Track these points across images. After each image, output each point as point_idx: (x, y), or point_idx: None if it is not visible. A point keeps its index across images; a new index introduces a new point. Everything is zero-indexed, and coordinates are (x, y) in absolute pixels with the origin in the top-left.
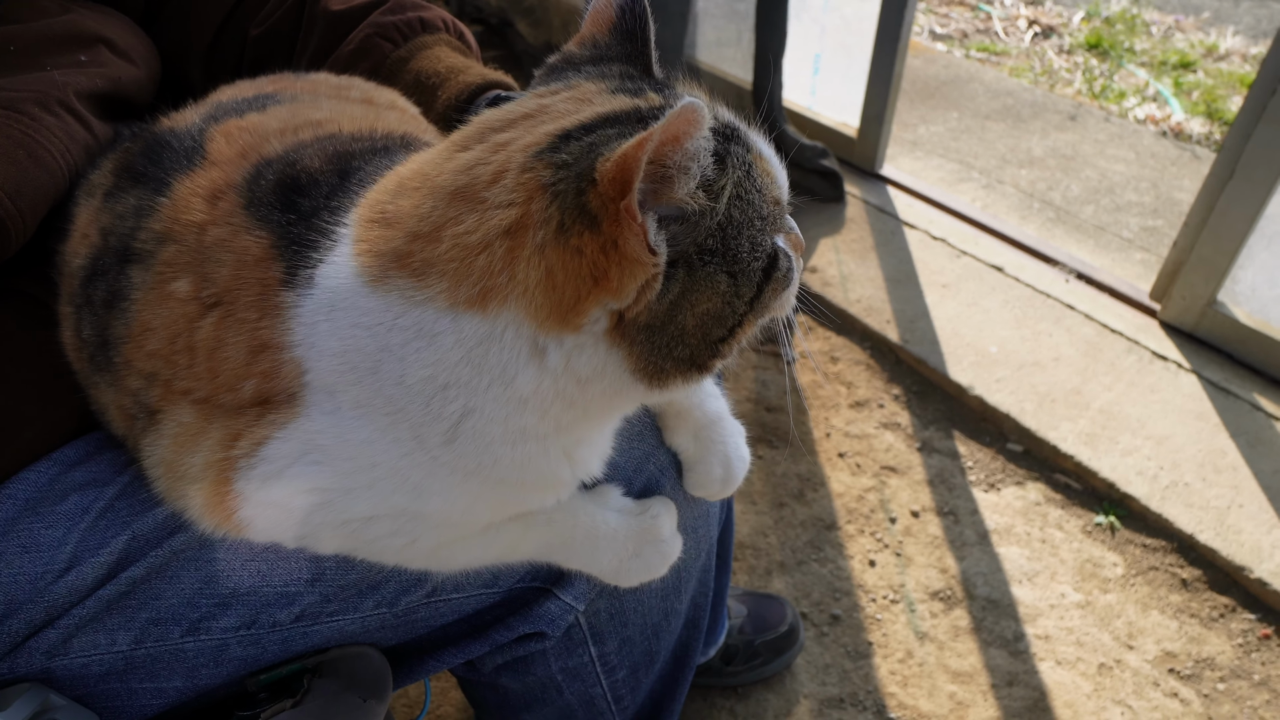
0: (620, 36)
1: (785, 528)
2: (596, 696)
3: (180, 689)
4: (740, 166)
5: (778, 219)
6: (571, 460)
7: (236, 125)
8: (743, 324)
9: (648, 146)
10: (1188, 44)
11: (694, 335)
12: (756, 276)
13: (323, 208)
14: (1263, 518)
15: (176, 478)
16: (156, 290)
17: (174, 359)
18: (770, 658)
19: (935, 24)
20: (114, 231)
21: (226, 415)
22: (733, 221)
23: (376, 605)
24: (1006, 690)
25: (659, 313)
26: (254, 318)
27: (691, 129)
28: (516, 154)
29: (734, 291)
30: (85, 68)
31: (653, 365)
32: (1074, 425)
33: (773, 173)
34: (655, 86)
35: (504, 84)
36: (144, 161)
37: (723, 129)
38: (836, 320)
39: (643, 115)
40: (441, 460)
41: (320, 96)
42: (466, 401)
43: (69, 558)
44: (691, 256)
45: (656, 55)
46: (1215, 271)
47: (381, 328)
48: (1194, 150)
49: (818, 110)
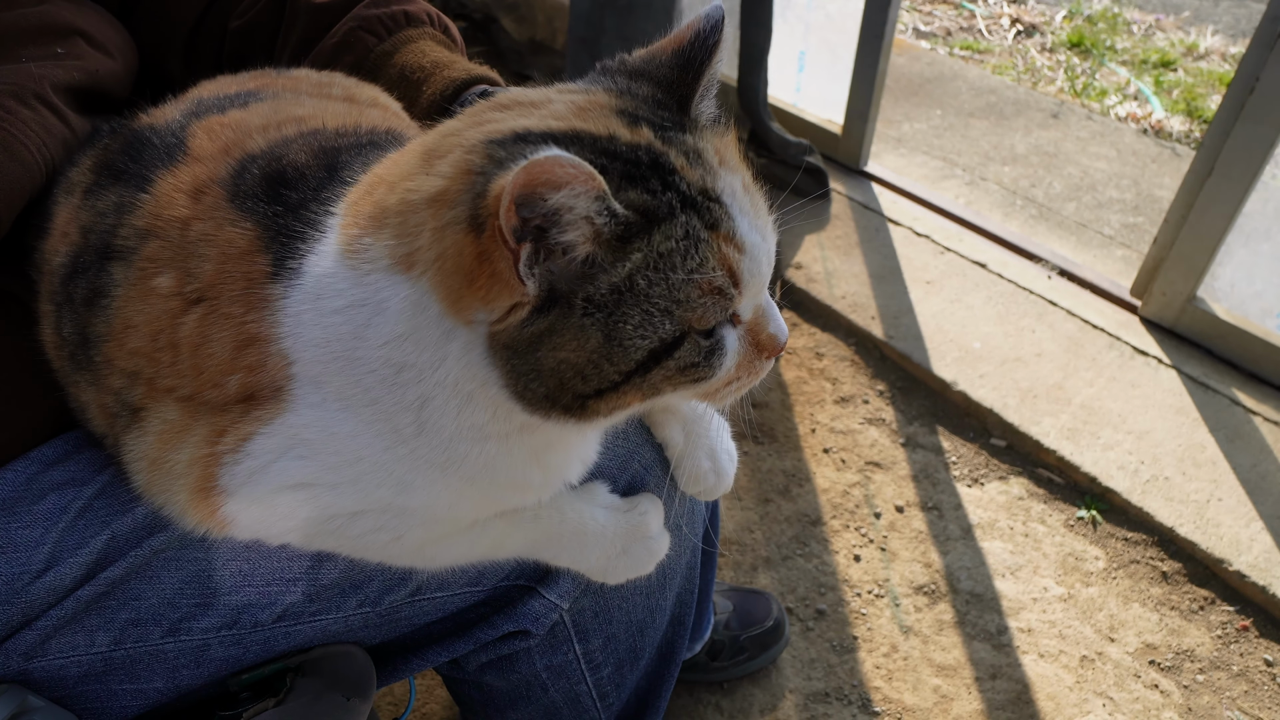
0: (678, 61)
1: (770, 523)
2: (582, 694)
3: (161, 690)
4: (670, 240)
5: (704, 309)
6: (541, 464)
7: (219, 121)
8: (618, 391)
9: (514, 185)
10: (1168, 43)
11: (550, 378)
12: (638, 353)
13: (311, 199)
14: (1241, 511)
15: (160, 474)
16: (138, 287)
17: (156, 356)
18: (756, 653)
19: (919, 22)
20: (94, 229)
21: (212, 412)
22: (633, 289)
23: (360, 604)
24: (990, 683)
25: (520, 340)
26: (239, 312)
27: (542, 184)
28: (479, 135)
29: (604, 355)
30: (62, 60)
31: (519, 391)
32: (1056, 420)
33: (732, 261)
34: (666, 122)
35: (489, 79)
36: (124, 159)
37: (684, 199)
38: (821, 316)
39: (603, 146)
40: (420, 454)
41: (302, 94)
42: (421, 387)
43: (47, 558)
44: (574, 302)
45: (710, 93)
46: (1195, 268)
47: (351, 309)
48: (1174, 148)
49: (803, 107)
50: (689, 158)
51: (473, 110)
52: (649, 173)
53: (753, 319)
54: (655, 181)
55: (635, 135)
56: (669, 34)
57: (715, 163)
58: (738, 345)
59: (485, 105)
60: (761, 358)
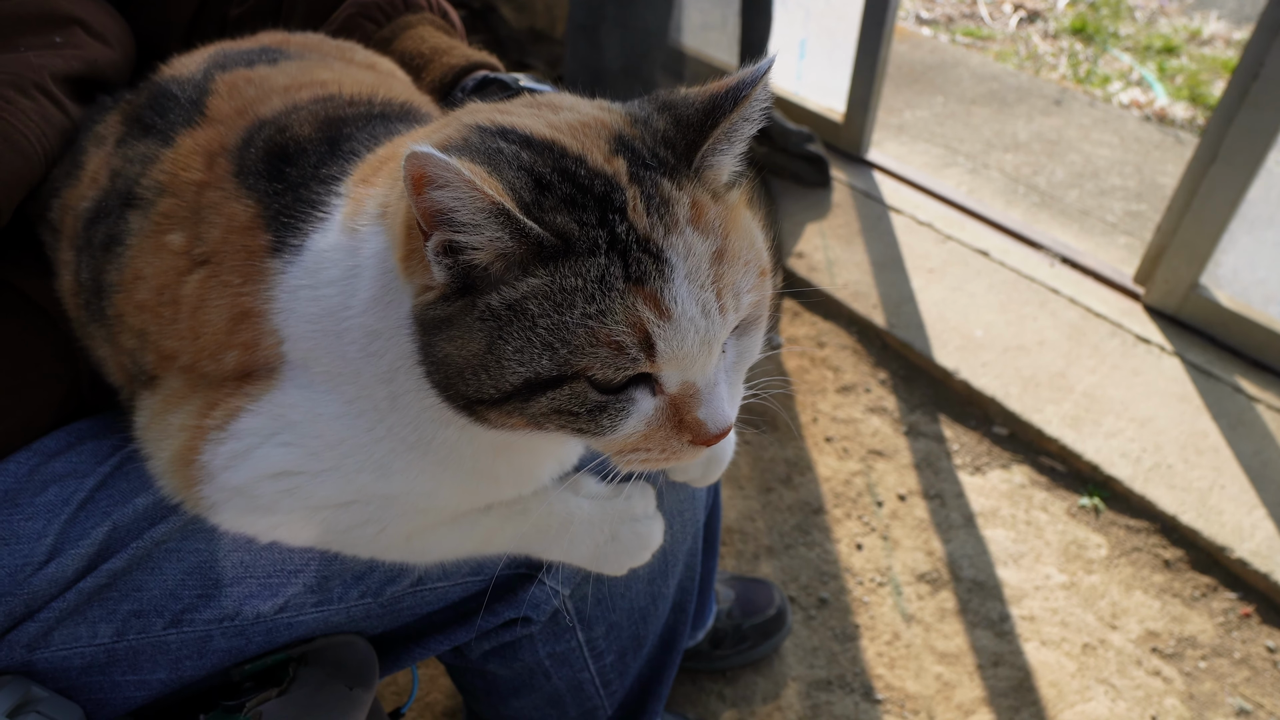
0: (705, 106)
1: (772, 512)
2: (584, 681)
3: (164, 681)
4: (578, 277)
5: (596, 360)
6: (506, 458)
7: (244, 76)
8: (500, 408)
9: (405, 170)
10: (1172, 29)
11: (439, 369)
12: (513, 376)
13: (311, 177)
14: (1244, 498)
15: (157, 427)
16: (152, 240)
17: (160, 311)
18: (758, 641)
19: (921, 8)
20: (122, 174)
21: (209, 387)
22: (523, 311)
23: (362, 595)
24: (992, 670)
25: (427, 320)
26: (237, 282)
27: (424, 179)
28: (480, 118)
29: (482, 365)
30: (60, 49)
31: (425, 372)
32: (1058, 408)
33: (645, 322)
34: (653, 162)
35: (489, 64)
36: (150, 113)
37: (615, 241)
38: (823, 305)
39: (564, 165)
40: (396, 433)
41: (328, 57)
42: (389, 357)
43: (49, 549)
44: (476, 302)
45: (730, 149)
46: (1198, 255)
47: (344, 280)
48: (1177, 135)
49: (803, 95)
50: (650, 203)
51: (520, 99)
52: (591, 203)
53: (679, 393)
54: (592, 214)
55: (607, 164)
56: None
57: (683, 218)
58: (651, 415)
59: (530, 99)
60: (682, 440)
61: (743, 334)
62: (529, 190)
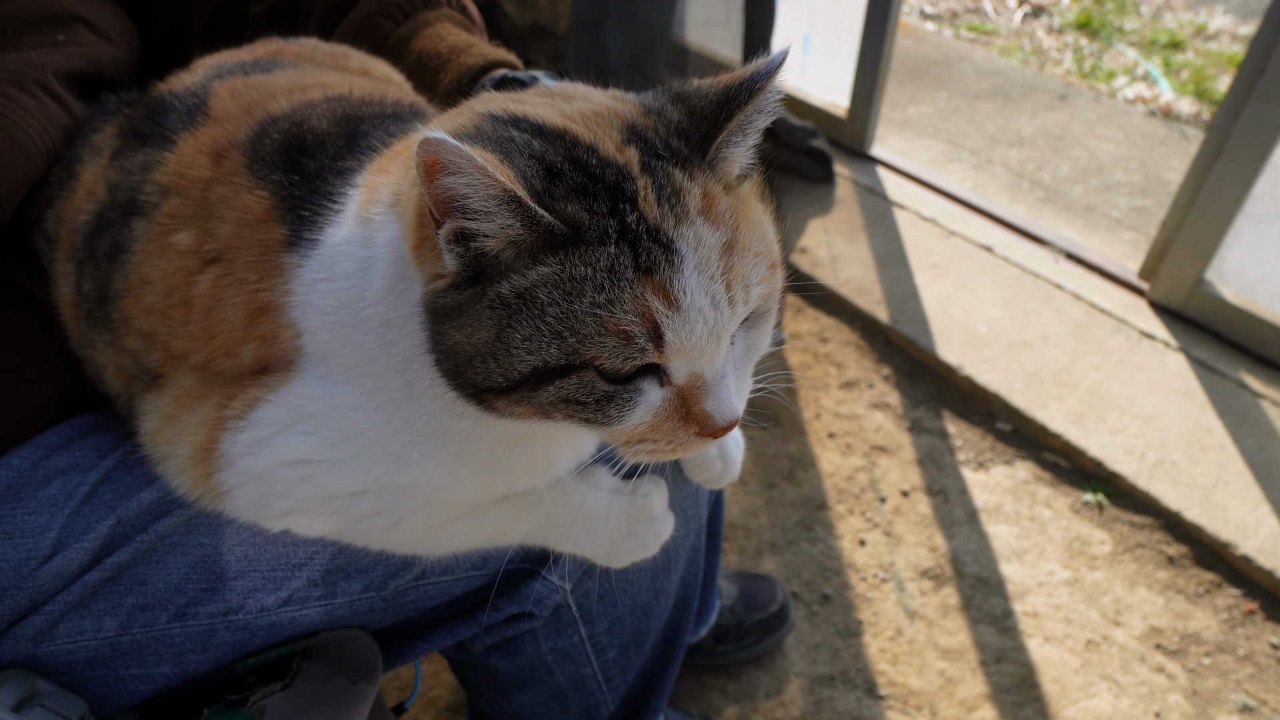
0: (720, 97)
1: (776, 508)
2: (587, 676)
3: (168, 674)
4: (588, 266)
5: (604, 349)
6: (522, 450)
7: (243, 82)
8: (509, 397)
9: (418, 157)
10: (1177, 23)
11: (448, 357)
12: (521, 365)
13: (329, 169)
14: (1248, 495)
15: (171, 428)
16: (158, 242)
17: (169, 313)
18: (761, 637)
19: (925, 3)
20: (121, 186)
21: (225, 382)
22: (532, 300)
23: (365, 589)
24: (995, 667)
25: (437, 308)
26: (253, 279)
27: (437, 166)
28: (493, 107)
29: (491, 353)
30: (63, 47)
31: (435, 361)
32: (1062, 404)
33: (654, 312)
34: (666, 152)
35: (508, 62)
36: (148, 123)
37: (625, 230)
38: (826, 301)
39: (576, 154)
40: (412, 424)
41: (322, 66)
42: (403, 346)
43: (53, 543)
44: (486, 290)
45: (744, 141)
46: (1203, 251)
47: (360, 272)
48: (1183, 130)
49: (807, 90)
50: (662, 193)
51: (536, 89)
52: (602, 192)
53: (687, 384)
54: (603, 203)
55: (619, 153)
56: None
57: (694, 209)
58: (658, 405)
59: (546, 88)
60: (689, 431)
61: (752, 326)
62: (540, 178)
